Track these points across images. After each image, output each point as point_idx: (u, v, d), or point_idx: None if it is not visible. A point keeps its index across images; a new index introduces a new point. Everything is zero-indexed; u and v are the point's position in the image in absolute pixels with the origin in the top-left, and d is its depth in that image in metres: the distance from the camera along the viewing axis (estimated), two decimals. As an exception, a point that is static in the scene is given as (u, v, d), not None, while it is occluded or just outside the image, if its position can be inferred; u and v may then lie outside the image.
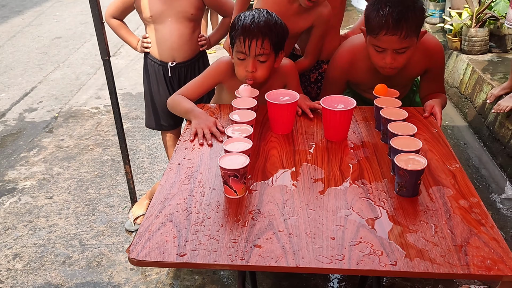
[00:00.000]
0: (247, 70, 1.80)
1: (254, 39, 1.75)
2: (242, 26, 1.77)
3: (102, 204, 2.85)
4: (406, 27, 1.69)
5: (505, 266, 1.15)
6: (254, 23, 1.75)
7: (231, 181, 1.38)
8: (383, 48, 1.76)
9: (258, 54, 1.77)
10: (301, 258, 1.18)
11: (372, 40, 1.79)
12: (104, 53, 2.35)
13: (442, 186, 1.44)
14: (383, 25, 1.70)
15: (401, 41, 1.72)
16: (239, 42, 1.78)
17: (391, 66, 1.79)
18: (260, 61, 1.79)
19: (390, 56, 1.77)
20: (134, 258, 1.20)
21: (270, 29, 1.76)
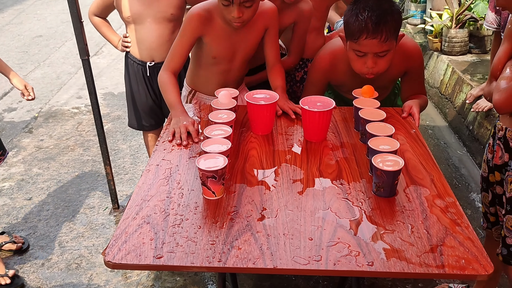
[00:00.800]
0: (234, 16, 1.75)
1: None
2: None
3: (82, 205, 2.81)
4: (385, 30, 1.71)
5: (479, 265, 1.16)
6: None
7: (209, 182, 1.37)
8: (364, 53, 1.77)
9: (243, 1, 1.72)
10: (279, 259, 1.18)
11: (352, 45, 1.79)
12: (83, 52, 2.32)
13: (419, 186, 1.45)
14: (363, 29, 1.71)
15: (381, 45, 1.74)
16: None
17: (372, 71, 1.80)
18: (246, 6, 1.75)
19: (371, 60, 1.77)
20: (110, 261, 1.18)
21: None
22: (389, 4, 1.76)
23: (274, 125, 1.82)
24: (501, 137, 1.66)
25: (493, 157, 1.71)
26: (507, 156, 1.63)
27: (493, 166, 1.71)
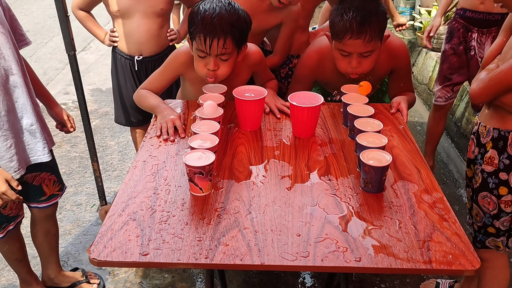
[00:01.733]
0: (208, 68, 1.72)
1: (215, 38, 1.65)
2: (201, 22, 1.65)
3: (69, 202, 2.78)
4: (369, 30, 1.72)
5: (466, 261, 1.16)
6: (215, 20, 1.63)
7: (197, 179, 1.36)
8: (348, 52, 1.78)
9: (220, 54, 1.69)
10: (266, 255, 1.17)
11: (337, 45, 1.80)
12: (70, 47, 2.29)
13: (407, 182, 1.45)
14: (347, 29, 1.72)
15: (365, 45, 1.75)
16: (198, 39, 1.67)
17: (356, 71, 1.81)
18: (222, 60, 1.72)
19: (355, 60, 1.79)
20: (95, 259, 1.17)
21: (232, 26, 1.66)
22: (375, 5, 1.77)
23: (263, 121, 1.81)
24: (474, 132, 1.71)
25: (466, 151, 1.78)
26: (477, 150, 1.68)
27: (467, 160, 1.77)
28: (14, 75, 1.59)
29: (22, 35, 1.75)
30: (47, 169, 1.83)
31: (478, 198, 1.66)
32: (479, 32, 2.31)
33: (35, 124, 1.68)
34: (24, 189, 1.77)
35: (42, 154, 1.72)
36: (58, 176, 1.94)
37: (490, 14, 2.22)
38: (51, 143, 1.83)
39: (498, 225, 1.64)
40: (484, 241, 1.70)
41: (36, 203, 1.89)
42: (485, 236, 1.68)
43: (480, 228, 1.69)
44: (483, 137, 1.64)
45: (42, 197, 1.88)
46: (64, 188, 1.99)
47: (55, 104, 1.97)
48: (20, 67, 1.62)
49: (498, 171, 1.59)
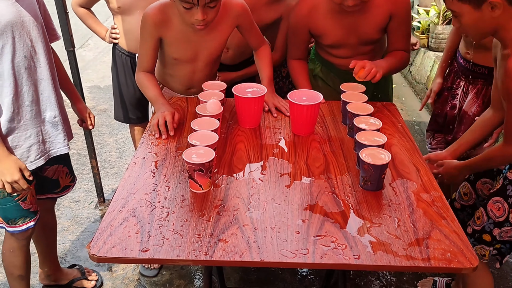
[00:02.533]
0: (197, 19, 1.64)
1: None
2: None
3: (67, 199, 2.78)
4: None
5: (464, 258, 1.17)
6: None
7: (196, 175, 1.36)
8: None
9: (207, 3, 1.61)
10: (265, 252, 1.17)
11: None
12: (69, 44, 2.29)
13: (406, 180, 1.46)
14: None
15: None
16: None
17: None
18: (210, 7, 1.64)
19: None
20: (95, 254, 1.17)
21: None
22: None
23: (262, 119, 1.82)
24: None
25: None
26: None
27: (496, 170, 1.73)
28: (42, 67, 1.62)
29: (53, 29, 1.79)
30: (61, 161, 1.85)
31: (489, 201, 1.62)
32: (466, 81, 2.16)
33: (57, 116, 1.70)
34: (43, 183, 1.81)
35: (62, 146, 1.74)
36: (70, 168, 1.96)
37: (476, 66, 2.07)
38: (70, 136, 1.85)
39: (496, 234, 1.61)
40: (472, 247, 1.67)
41: (49, 194, 1.90)
42: (476, 242, 1.65)
43: (475, 232, 1.66)
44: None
45: (57, 189, 1.91)
46: (75, 180, 2.01)
47: (79, 100, 2.00)
48: (49, 60, 1.65)
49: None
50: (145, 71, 1.85)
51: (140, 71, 1.86)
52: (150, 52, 1.83)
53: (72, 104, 1.98)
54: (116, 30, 2.40)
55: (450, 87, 2.25)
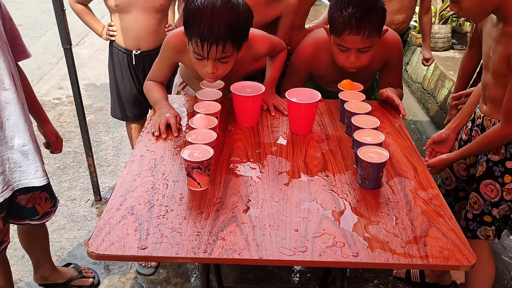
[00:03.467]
0: (207, 71, 1.62)
1: (213, 44, 1.52)
2: (198, 25, 1.51)
3: (64, 197, 2.77)
4: (369, 27, 1.72)
5: (462, 256, 1.18)
6: (213, 23, 1.49)
7: (195, 173, 1.36)
8: (347, 48, 1.79)
9: (219, 58, 1.58)
10: (264, 250, 1.17)
11: (336, 40, 1.81)
12: (65, 41, 2.28)
13: (403, 179, 1.46)
14: (346, 25, 1.73)
15: (364, 41, 1.75)
16: (195, 43, 1.54)
17: (355, 65, 1.82)
18: (222, 62, 1.61)
19: (354, 55, 1.80)
20: (93, 252, 1.17)
21: (232, 29, 1.52)
22: (374, 0, 1.77)
23: (260, 117, 1.82)
24: (479, 125, 1.73)
25: (468, 140, 1.79)
26: None
27: None
28: (6, 90, 1.47)
29: (22, 46, 1.65)
30: (37, 187, 1.70)
31: (480, 185, 1.70)
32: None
33: (27, 145, 1.57)
34: (15, 210, 1.69)
35: (34, 178, 1.61)
36: (50, 191, 1.81)
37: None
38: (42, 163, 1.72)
39: (495, 214, 1.69)
40: (475, 231, 1.74)
41: (28, 221, 1.78)
42: (479, 225, 1.72)
43: (476, 216, 1.73)
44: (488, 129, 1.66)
45: (36, 216, 1.78)
46: (57, 203, 1.88)
47: (47, 122, 1.87)
48: (15, 82, 1.51)
49: (505, 160, 1.64)
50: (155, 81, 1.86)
51: (150, 80, 1.86)
52: (165, 71, 1.85)
53: (39, 126, 1.86)
54: (113, 27, 2.40)
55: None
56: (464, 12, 1.52)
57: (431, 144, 1.92)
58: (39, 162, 1.62)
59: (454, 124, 1.88)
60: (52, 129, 1.88)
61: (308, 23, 2.67)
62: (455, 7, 1.52)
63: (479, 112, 1.73)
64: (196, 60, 1.63)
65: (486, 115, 1.69)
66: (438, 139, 1.90)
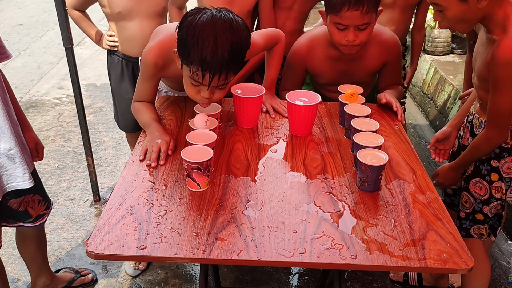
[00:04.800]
0: (203, 96, 1.53)
1: (216, 74, 1.42)
2: (199, 52, 1.39)
3: (62, 196, 2.77)
4: (367, 1, 1.72)
5: (460, 259, 1.18)
6: (217, 54, 1.38)
7: (194, 174, 1.37)
8: (345, 25, 1.77)
9: (218, 86, 1.50)
10: (263, 251, 1.18)
11: (333, 18, 1.79)
12: (67, 41, 2.29)
13: (402, 182, 1.47)
14: (345, 1, 1.72)
15: (362, 17, 1.74)
16: (194, 71, 1.44)
17: (353, 43, 1.80)
18: (219, 88, 1.53)
19: (352, 33, 1.78)
20: (93, 251, 1.17)
21: (235, 57, 1.43)
22: None
23: (260, 119, 1.82)
24: (470, 121, 1.77)
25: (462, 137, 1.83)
26: (470, 139, 1.74)
27: (461, 146, 1.83)
28: None
29: (2, 47, 1.57)
30: (29, 191, 1.68)
31: (469, 184, 1.74)
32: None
33: (14, 149, 1.54)
34: (8, 213, 1.69)
35: (22, 180, 1.58)
36: (43, 194, 1.80)
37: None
38: (31, 165, 1.70)
39: (487, 211, 1.72)
40: (469, 229, 1.76)
41: (22, 223, 1.77)
42: (472, 223, 1.75)
43: (468, 215, 1.76)
44: (476, 127, 1.71)
45: (28, 219, 1.77)
46: (51, 205, 1.86)
47: (28, 128, 1.79)
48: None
49: (490, 159, 1.68)
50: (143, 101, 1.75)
51: (137, 101, 1.76)
52: (151, 89, 1.74)
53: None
54: (114, 37, 2.31)
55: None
56: (448, 22, 1.53)
57: (434, 142, 1.95)
58: (26, 165, 1.60)
59: (455, 121, 1.92)
60: (32, 135, 1.81)
61: (309, 26, 2.68)
62: (439, 16, 1.53)
63: (472, 109, 1.77)
64: (190, 85, 1.52)
65: (477, 113, 1.73)
66: (441, 137, 1.93)
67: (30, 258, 1.97)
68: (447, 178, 1.83)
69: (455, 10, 1.47)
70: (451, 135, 1.91)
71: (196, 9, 1.46)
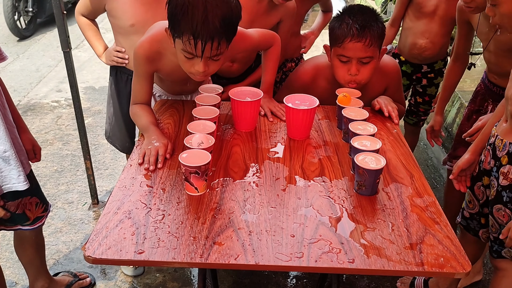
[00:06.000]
0: (197, 70, 1.51)
1: (209, 41, 1.41)
2: (190, 20, 1.38)
3: (61, 200, 2.77)
4: (370, 34, 1.74)
5: (457, 263, 1.18)
6: (208, 19, 1.38)
7: (192, 178, 1.37)
8: (348, 58, 1.79)
9: (213, 56, 1.49)
10: (260, 255, 1.18)
11: (336, 51, 1.82)
12: (65, 44, 2.29)
13: (400, 185, 1.47)
14: (347, 32, 1.75)
15: (365, 49, 1.76)
16: (186, 41, 1.42)
17: (355, 78, 1.82)
18: (214, 60, 1.52)
19: (355, 66, 1.80)
20: (90, 256, 1.17)
21: (226, 23, 1.42)
22: (374, 14, 1.81)
23: (258, 123, 1.82)
24: (491, 143, 1.66)
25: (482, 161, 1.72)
26: (492, 162, 1.64)
27: (483, 171, 1.72)
28: None
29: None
30: (26, 193, 1.69)
31: (493, 210, 1.63)
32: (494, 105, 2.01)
33: (9, 151, 1.54)
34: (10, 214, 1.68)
35: (17, 182, 1.59)
36: (40, 196, 1.79)
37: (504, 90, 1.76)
38: (28, 167, 1.70)
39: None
40: (500, 251, 1.68)
41: (20, 226, 1.77)
42: (501, 247, 1.67)
43: (495, 238, 1.67)
44: (499, 150, 1.60)
45: (27, 222, 1.76)
46: (48, 208, 1.86)
47: (25, 130, 1.78)
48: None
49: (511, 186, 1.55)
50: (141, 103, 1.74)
51: (136, 103, 1.75)
52: (146, 87, 1.72)
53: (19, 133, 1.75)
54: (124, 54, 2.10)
55: (478, 109, 2.16)
56: (501, 18, 1.47)
57: (458, 172, 1.78)
58: (21, 167, 1.60)
59: (477, 147, 1.76)
60: (29, 137, 1.80)
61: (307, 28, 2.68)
62: (491, 10, 1.46)
63: (494, 131, 1.65)
64: (184, 59, 1.51)
65: (500, 135, 1.59)
66: (466, 167, 1.77)
67: (28, 261, 1.97)
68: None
69: (509, 5, 1.41)
70: (474, 162, 1.77)
71: None
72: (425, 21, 2.45)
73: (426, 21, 2.44)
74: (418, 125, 2.85)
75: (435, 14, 2.42)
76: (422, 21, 2.46)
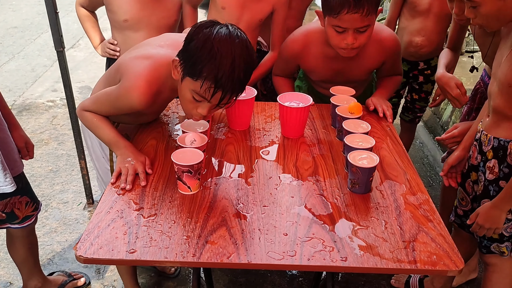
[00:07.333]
0: (200, 113, 1.43)
1: (228, 94, 1.35)
2: (216, 71, 1.30)
3: (56, 200, 2.76)
4: (367, 4, 1.64)
5: (450, 261, 1.18)
6: (234, 75, 1.31)
7: (185, 177, 1.36)
8: (344, 28, 1.70)
9: (221, 104, 1.40)
10: (253, 254, 1.17)
11: (331, 21, 1.71)
12: (58, 44, 2.27)
13: (393, 183, 1.47)
14: (344, 3, 1.64)
15: (363, 19, 1.67)
16: (205, 87, 1.33)
17: (352, 46, 1.74)
18: (221, 106, 1.43)
19: (351, 36, 1.71)
20: (82, 256, 1.16)
21: (247, 79, 1.38)
22: None
23: (252, 121, 1.82)
24: (477, 139, 1.66)
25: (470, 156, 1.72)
26: (479, 158, 1.65)
27: (470, 166, 1.72)
28: None
29: None
30: (16, 192, 1.65)
31: (481, 204, 1.62)
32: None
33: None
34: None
35: (4, 185, 1.55)
36: (31, 195, 1.77)
37: None
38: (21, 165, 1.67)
39: (502, 231, 1.61)
40: (489, 247, 1.68)
41: (9, 224, 1.76)
42: (490, 242, 1.66)
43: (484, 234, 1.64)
44: (484, 145, 1.61)
45: (15, 220, 1.75)
46: (39, 206, 1.84)
47: (17, 127, 1.75)
48: None
49: (498, 179, 1.56)
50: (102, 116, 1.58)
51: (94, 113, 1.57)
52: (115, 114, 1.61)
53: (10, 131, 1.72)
54: (116, 47, 2.16)
55: (477, 107, 2.12)
56: (482, 19, 1.46)
57: (448, 169, 1.78)
58: (7, 170, 1.57)
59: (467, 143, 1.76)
60: (21, 134, 1.77)
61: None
62: (472, 12, 1.45)
63: (480, 126, 1.66)
64: (190, 100, 1.40)
65: (485, 130, 1.60)
66: (456, 163, 1.76)
67: (21, 260, 1.96)
68: (488, 218, 1.57)
69: (490, 6, 1.40)
70: (464, 159, 1.76)
71: (210, 21, 1.37)
72: (420, 19, 2.44)
73: (421, 19, 2.44)
74: (414, 122, 2.84)
75: (430, 12, 2.42)
76: (417, 20, 2.46)
